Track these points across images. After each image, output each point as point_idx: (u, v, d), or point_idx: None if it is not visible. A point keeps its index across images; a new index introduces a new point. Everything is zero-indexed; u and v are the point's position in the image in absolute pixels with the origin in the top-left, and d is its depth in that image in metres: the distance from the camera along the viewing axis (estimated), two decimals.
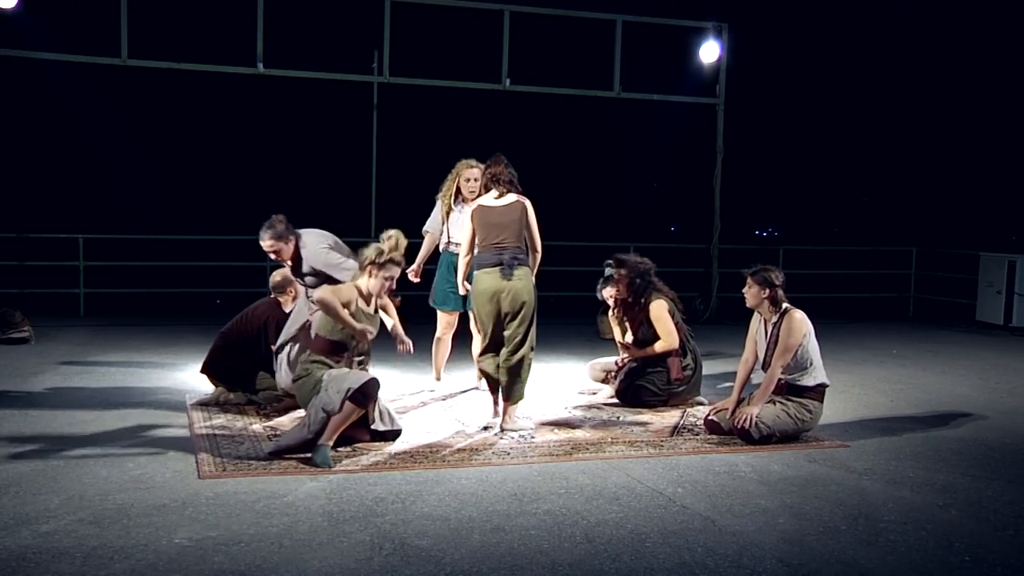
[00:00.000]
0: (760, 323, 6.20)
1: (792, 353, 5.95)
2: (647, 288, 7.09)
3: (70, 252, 12.19)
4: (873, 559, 4.10)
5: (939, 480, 5.32)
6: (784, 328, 5.97)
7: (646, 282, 7.09)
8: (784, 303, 6.12)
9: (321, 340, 5.71)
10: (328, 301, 5.58)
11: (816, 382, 6.04)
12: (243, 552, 3.97)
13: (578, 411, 6.89)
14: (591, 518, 4.50)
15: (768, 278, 6.08)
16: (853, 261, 15.90)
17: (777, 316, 6.07)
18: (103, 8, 11.82)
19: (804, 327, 5.99)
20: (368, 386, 5.46)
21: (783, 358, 5.95)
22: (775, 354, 5.98)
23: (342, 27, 16.42)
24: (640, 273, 7.08)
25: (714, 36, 13.15)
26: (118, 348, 9.25)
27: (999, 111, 22.63)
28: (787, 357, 5.95)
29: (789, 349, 5.93)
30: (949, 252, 14.85)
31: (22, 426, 5.99)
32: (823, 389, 6.12)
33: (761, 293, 6.10)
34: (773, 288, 6.08)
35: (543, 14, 12.97)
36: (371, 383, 5.49)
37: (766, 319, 6.15)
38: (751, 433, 5.86)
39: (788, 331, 5.95)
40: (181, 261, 13.79)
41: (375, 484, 4.94)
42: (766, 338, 6.12)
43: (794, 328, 5.94)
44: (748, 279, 6.17)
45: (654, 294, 7.09)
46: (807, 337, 6.00)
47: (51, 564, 3.79)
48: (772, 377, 5.97)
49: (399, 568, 3.86)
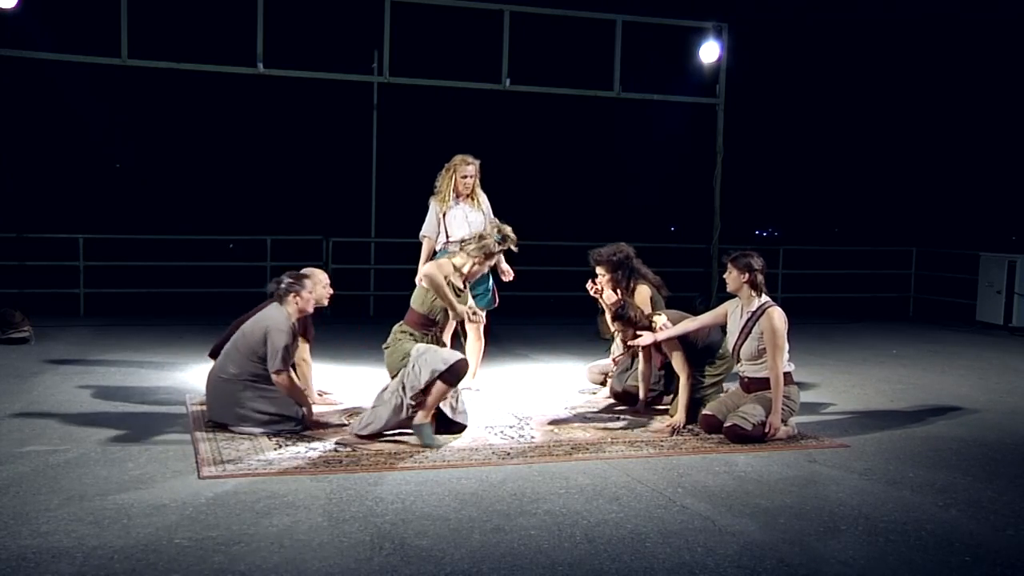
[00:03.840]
0: (737, 308, 6.23)
1: (785, 349, 6.01)
2: (630, 279, 6.93)
3: (70, 252, 12.19)
4: (873, 559, 4.10)
5: (939, 480, 5.32)
6: (767, 329, 5.98)
7: (628, 270, 6.93)
8: (763, 290, 6.16)
9: (413, 314, 5.93)
10: (435, 277, 5.81)
11: (786, 370, 6.10)
12: (243, 552, 3.97)
13: (578, 411, 6.89)
14: (591, 518, 4.50)
15: (748, 263, 6.14)
16: (853, 261, 15.89)
17: (756, 307, 6.10)
18: (103, 8, 11.82)
19: (785, 323, 6.06)
20: (459, 366, 5.67)
21: (779, 357, 5.97)
22: (771, 355, 5.98)
23: (342, 27, 16.42)
24: (618, 264, 6.92)
25: (714, 36, 13.15)
26: (118, 348, 9.25)
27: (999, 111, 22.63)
28: (781, 355, 5.99)
29: (780, 348, 5.99)
30: (949, 252, 14.84)
31: (22, 426, 5.99)
32: (790, 375, 6.16)
33: (741, 277, 6.15)
34: (753, 272, 6.13)
35: (543, 14, 12.98)
36: (461, 363, 5.70)
37: (744, 305, 6.18)
38: (741, 427, 5.86)
39: (773, 331, 5.97)
40: (181, 261, 13.79)
41: (375, 484, 4.94)
42: (739, 325, 6.15)
43: (777, 327, 5.99)
44: (728, 264, 6.23)
45: (639, 280, 6.94)
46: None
47: (51, 564, 3.79)
48: (778, 379, 5.98)
49: (399, 568, 3.86)
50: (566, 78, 14.01)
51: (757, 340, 6.05)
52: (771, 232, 33.12)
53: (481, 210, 7.24)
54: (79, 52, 11.80)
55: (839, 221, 31.32)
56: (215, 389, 6.01)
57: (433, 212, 7.26)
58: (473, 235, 6.25)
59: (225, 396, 5.92)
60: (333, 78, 13.14)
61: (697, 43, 13.28)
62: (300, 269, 6.84)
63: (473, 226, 7.13)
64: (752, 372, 6.12)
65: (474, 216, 7.19)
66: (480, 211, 7.23)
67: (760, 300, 6.14)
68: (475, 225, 7.13)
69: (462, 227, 7.13)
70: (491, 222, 6.13)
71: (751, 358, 6.10)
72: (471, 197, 7.22)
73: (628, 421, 6.57)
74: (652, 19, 13.41)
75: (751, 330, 6.07)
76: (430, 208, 7.29)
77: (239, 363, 5.92)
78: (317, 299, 6.72)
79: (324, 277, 6.80)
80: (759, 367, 6.08)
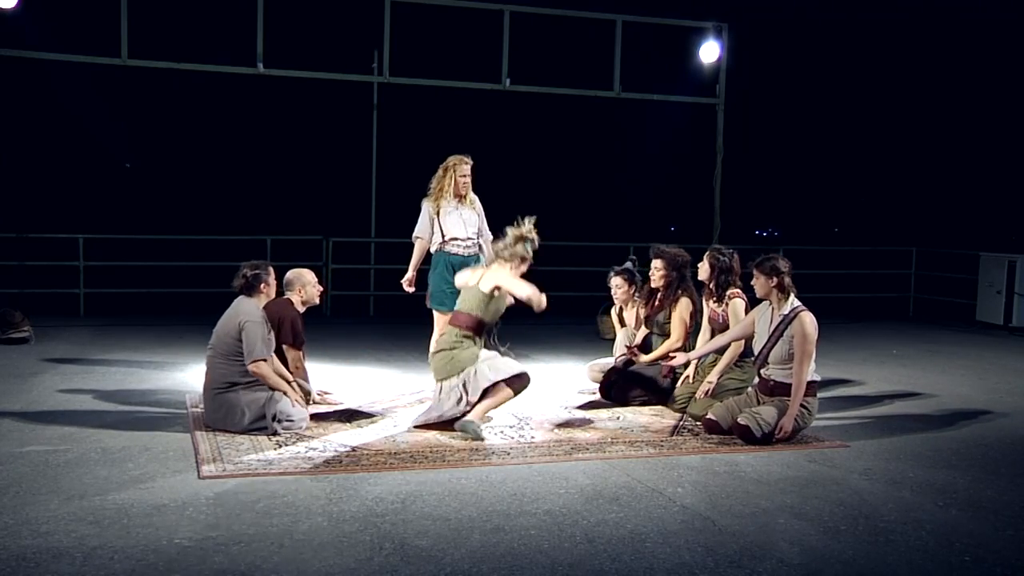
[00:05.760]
0: (768, 312, 6.15)
1: (812, 357, 5.93)
2: (680, 284, 7.20)
3: (70, 252, 12.19)
4: (873, 559, 4.10)
5: (939, 480, 5.32)
6: (798, 333, 5.90)
7: (679, 277, 7.21)
8: (793, 292, 6.10)
9: (469, 318, 6.11)
10: (535, 292, 6.07)
11: (812, 379, 6.05)
12: (243, 552, 3.97)
13: (578, 411, 6.89)
14: (591, 518, 4.50)
15: (775, 266, 6.07)
16: (853, 261, 15.90)
17: (789, 310, 6.02)
18: (103, 8, 11.83)
19: (816, 330, 5.98)
20: (526, 377, 6.08)
21: (806, 363, 5.89)
22: (798, 359, 5.89)
23: (342, 27, 16.42)
24: (677, 267, 7.21)
25: (714, 36, 13.16)
26: (118, 348, 9.25)
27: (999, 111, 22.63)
28: (808, 362, 5.91)
29: (809, 354, 5.90)
30: (949, 252, 14.84)
31: (22, 426, 5.99)
32: (816, 386, 6.13)
33: (769, 282, 6.07)
34: (780, 275, 6.06)
35: (543, 14, 12.99)
36: (527, 376, 6.09)
37: (775, 308, 6.12)
38: (752, 431, 5.85)
39: (804, 336, 5.89)
40: (181, 261, 13.79)
41: (375, 484, 4.94)
42: (769, 330, 6.07)
43: (809, 333, 5.90)
44: (754, 270, 6.16)
45: (685, 292, 7.19)
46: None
47: (51, 564, 3.79)
48: (800, 385, 5.90)
49: (399, 568, 3.86)
50: (566, 78, 14.02)
51: (788, 343, 5.94)
52: (771, 232, 33.11)
53: (475, 210, 7.25)
54: (79, 52, 11.80)
55: (839, 221, 31.31)
56: (213, 402, 5.96)
57: (426, 213, 7.22)
58: (506, 243, 6.30)
59: (226, 408, 5.88)
60: (333, 78, 13.15)
61: (697, 43, 13.29)
62: (298, 269, 6.85)
63: (468, 226, 7.15)
64: (780, 376, 6.00)
65: (468, 216, 7.19)
66: (474, 211, 7.24)
67: (792, 303, 6.05)
68: (470, 225, 7.16)
69: (458, 227, 7.12)
70: (518, 228, 6.25)
71: (781, 361, 5.99)
72: (465, 197, 7.22)
73: (628, 421, 6.58)
74: (652, 19, 13.42)
75: (783, 333, 5.97)
76: (423, 209, 7.26)
77: (227, 372, 5.88)
78: (308, 299, 6.73)
79: (312, 276, 6.80)
80: (787, 371, 5.97)
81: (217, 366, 5.93)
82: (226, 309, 6.07)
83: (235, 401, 5.84)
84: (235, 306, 6.02)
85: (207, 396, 6.03)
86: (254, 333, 5.83)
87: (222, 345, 5.91)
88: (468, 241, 7.17)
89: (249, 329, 5.84)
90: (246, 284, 6.07)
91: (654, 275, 7.28)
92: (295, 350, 6.58)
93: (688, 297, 7.18)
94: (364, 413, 6.57)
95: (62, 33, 12.46)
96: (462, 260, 7.12)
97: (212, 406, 5.96)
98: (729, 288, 6.84)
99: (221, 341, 5.92)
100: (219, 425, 5.90)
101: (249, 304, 6.01)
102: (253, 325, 5.85)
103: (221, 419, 5.89)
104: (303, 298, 6.71)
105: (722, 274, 6.86)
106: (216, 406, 5.92)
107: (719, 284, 6.86)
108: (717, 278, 6.87)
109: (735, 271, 6.87)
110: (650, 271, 7.33)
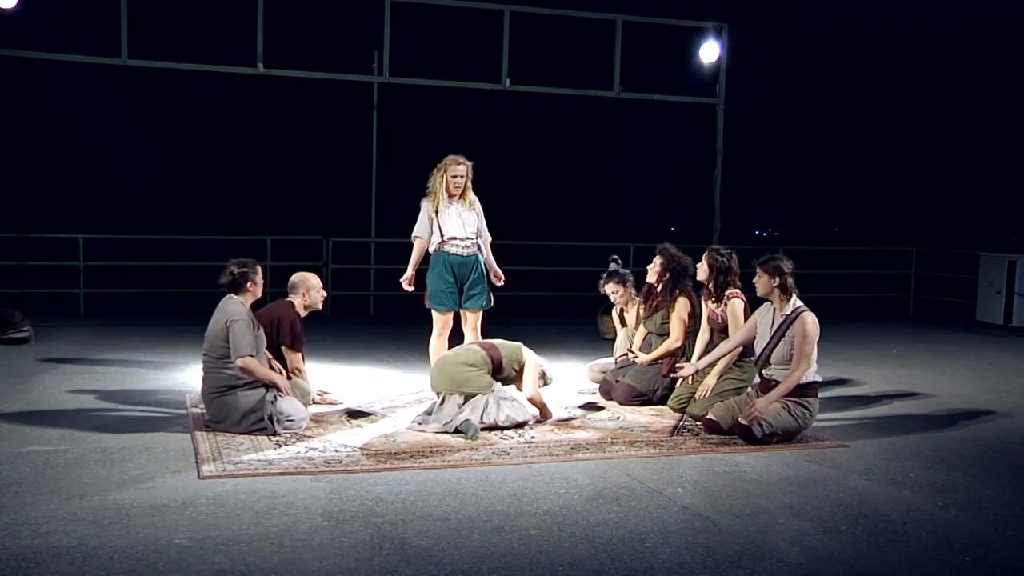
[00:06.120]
0: (769, 312, 6.15)
1: (811, 357, 5.92)
2: (676, 284, 7.23)
3: (70, 252, 12.19)
4: (873, 559, 4.10)
5: (939, 480, 5.32)
6: (799, 333, 5.90)
7: (676, 278, 7.23)
8: (795, 293, 6.09)
9: (498, 353, 6.36)
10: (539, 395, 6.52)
11: (813, 380, 6.05)
12: (243, 552, 3.97)
13: (578, 411, 6.89)
14: (591, 518, 4.50)
15: (778, 266, 6.06)
16: (853, 261, 15.90)
17: (790, 310, 6.02)
18: (103, 8, 11.83)
19: (817, 331, 5.97)
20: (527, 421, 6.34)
21: (804, 364, 5.88)
22: (796, 358, 5.89)
23: (342, 27, 16.41)
24: (673, 269, 7.24)
25: (714, 36, 13.16)
26: (118, 348, 9.25)
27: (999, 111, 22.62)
28: (807, 362, 5.91)
29: (807, 355, 5.90)
30: (949, 252, 14.84)
31: (22, 426, 5.98)
32: (817, 386, 6.13)
33: (772, 282, 6.06)
34: (783, 276, 6.05)
35: (543, 14, 12.99)
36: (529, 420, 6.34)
37: (776, 309, 6.12)
38: (753, 432, 5.85)
39: (804, 337, 5.89)
40: (181, 261, 13.79)
41: (375, 484, 4.94)
42: (771, 330, 6.06)
43: (809, 333, 5.90)
44: (758, 268, 6.15)
45: (683, 292, 7.22)
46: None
47: (51, 564, 3.79)
48: (793, 381, 5.89)
49: (399, 568, 3.86)
50: (566, 78, 14.01)
51: (790, 344, 5.94)
52: (771, 232, 33.09)
53: (474, 211, 7.27)
54: (79, 52, 11.80)
55: (839, 221, 31.30)
56: (211, 405, 5.97)
57: (425, 212, 7.25)
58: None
59: (225, 410, 5.88)
60: (333, 78, 13.14)
61: (697, 43, 13.29)
62: (299, 271, 6.85)
63: (467, 225, 7.16)
64: (781, 376, 5.98)
65: (467, 216, 7.21)
66: (473, 211, 7.25)
67: (794, 303, 6.05)
68: (469, 225, 7.17)
69: (456, 226, 7.14)
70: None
71: (782, 362, 5.98)
72: (463, 197, 7.23)
73: (628, 421, 6.58)
74: (652, 19, 13.42)
75: (784, 333, 5.97)
76: (422, 209, 7.28)
77: (222, 376, 5.88)
78: (311, 303, 6.73)
79: (317, 281, 6.79)
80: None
81: (212, 370, 5.95)
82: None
83: (233, 404, 5.84)
84: (221, 307, 6.04)
85: (206, 400, 6.04)
86: (239, 331, 5.85)
87: (214, 349, 5.93)
88: (467, 241, 7.18)
89: (235, 328, 5.85)
90: (233, 281, 6.07)
91: (650, 269, 7.34)
92: (294, 352, 6.58)
93: (686, 297, 7.21)
94: (364, 413, 6.58)
95: (62, 33, 12.45)
96: (461, 260, 7.13)
97: (211, 409, 5.97)
98: (728, 288, 6.84)
99: (212, 345, 5.94)
100: (220, 427, 5.91)
101: (234, 304, 6.01)
102: (238, 324, 5.86)
103: (221, 422, 5.90)
104: (306, 302, 6.71)
105: (721, 274, 6.86)
106: (215, 409, 5.92)
107: (718, 284, 6.86)
108: (716, 278, 6.86)
109: (734, 271, 6.87)
110: (649, 265, 7.41)
